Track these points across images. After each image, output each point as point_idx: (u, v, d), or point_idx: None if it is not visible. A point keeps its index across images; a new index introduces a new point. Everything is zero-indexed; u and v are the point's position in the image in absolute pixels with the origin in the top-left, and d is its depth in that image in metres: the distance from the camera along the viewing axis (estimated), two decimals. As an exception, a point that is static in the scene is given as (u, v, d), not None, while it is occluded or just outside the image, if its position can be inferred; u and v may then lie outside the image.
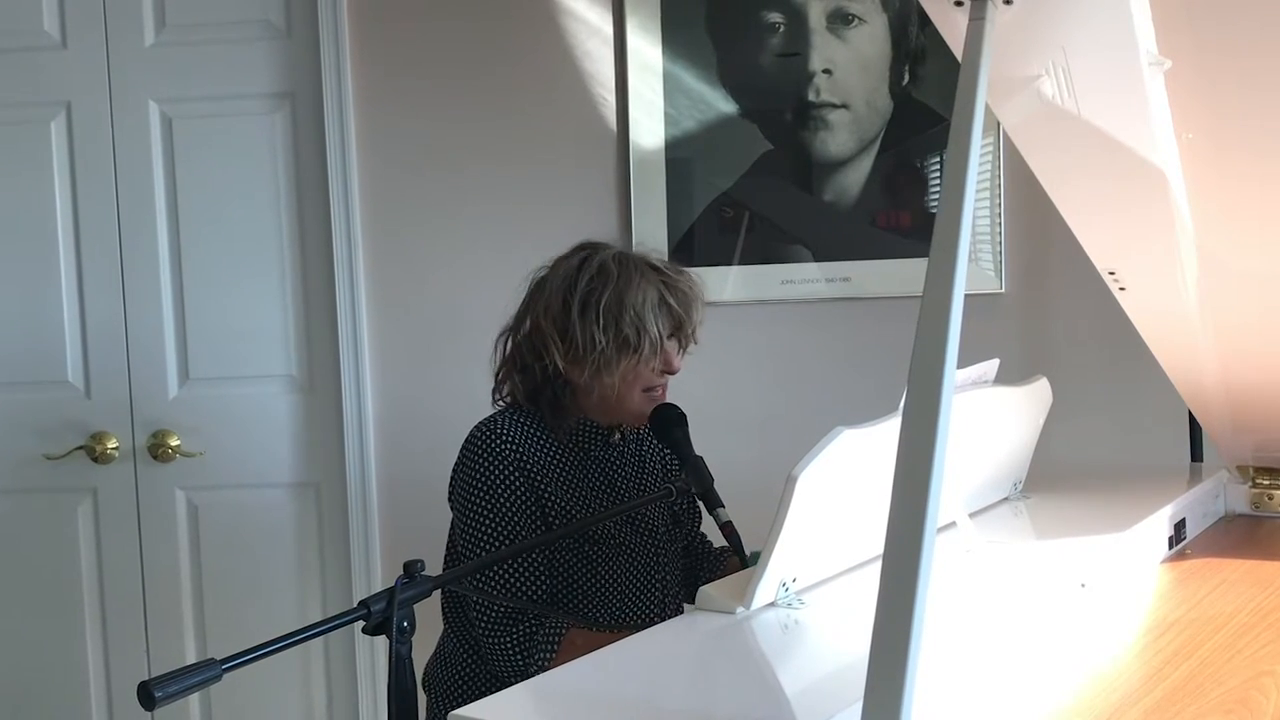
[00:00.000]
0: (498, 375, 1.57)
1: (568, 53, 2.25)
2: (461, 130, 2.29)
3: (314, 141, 2.31)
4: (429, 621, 1.33)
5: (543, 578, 1.47)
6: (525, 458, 1.47)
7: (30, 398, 2.40)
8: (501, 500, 1.45)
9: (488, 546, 1.45)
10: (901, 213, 2.18)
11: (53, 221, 2.37)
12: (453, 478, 1.52)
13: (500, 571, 1.45)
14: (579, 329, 1.46)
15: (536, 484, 1.47)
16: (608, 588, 1.50)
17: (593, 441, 1.54)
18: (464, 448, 1.50)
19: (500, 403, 1.58)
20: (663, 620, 1.49)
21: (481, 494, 1.46)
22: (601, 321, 1.45)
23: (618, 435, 1.56)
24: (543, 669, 1.40)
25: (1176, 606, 1.23)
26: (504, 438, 1.47)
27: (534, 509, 1.46)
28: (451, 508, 1.53)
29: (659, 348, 1.48)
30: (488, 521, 1.45)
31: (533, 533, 1.45)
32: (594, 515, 1.48)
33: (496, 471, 1.46)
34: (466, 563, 1.49)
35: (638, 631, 1.25)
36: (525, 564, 1.46)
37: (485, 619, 1.44)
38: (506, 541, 1.45)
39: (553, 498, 1.47)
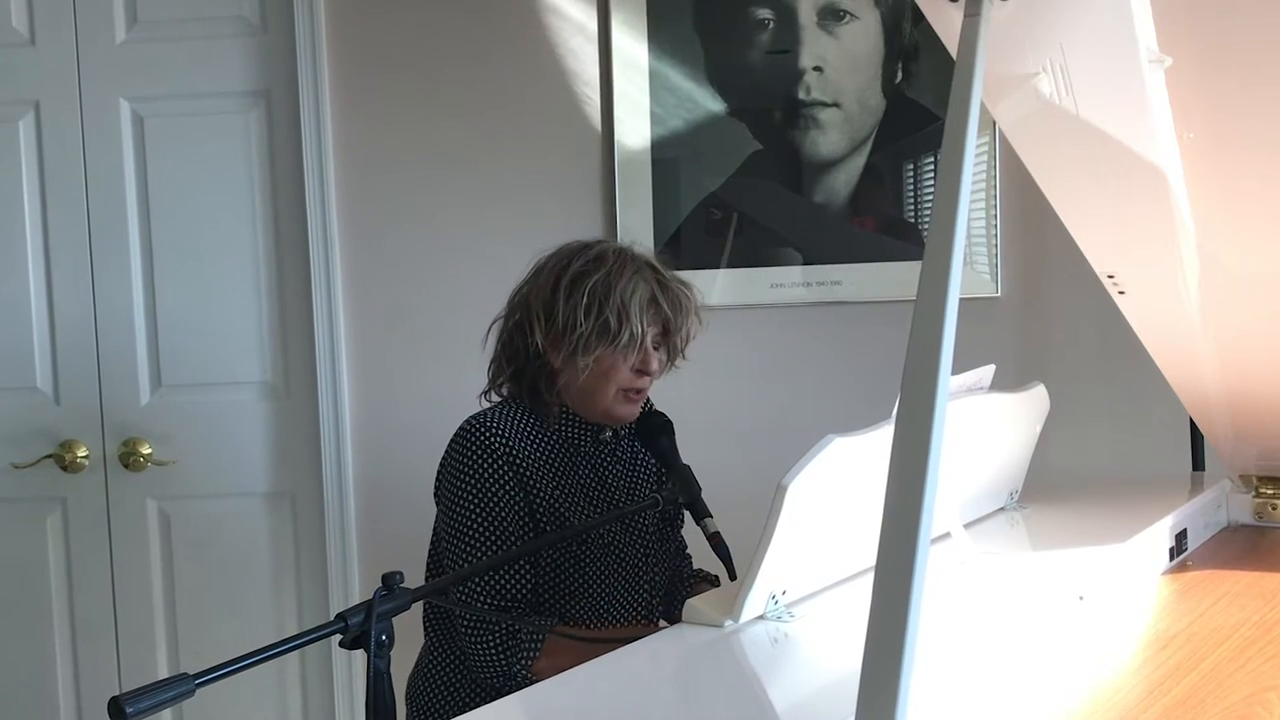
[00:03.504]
0: (491, 364, 1.58)
1: (551, 50, 2.24)
2: (441, 130, 2.27)
3: (290, 141, 2.29)
4: (408, 634, 1.32)
5: (528, 577, 1.46)
6: (515, 452, 1.46)
7: (-3, 404, 2.37)
8: (490, 495, 1.44)
9: (473, 541, 1.44)
10: (894, 215, 2.17)
11: (21, 223, 2.35)
12: (440, 470, 1.52)
13: (485, 574, 1.44)
14: (563, 308, 1.46)
15: (526, 479, 1.46)
16: (594, 587, 1.49)
17: (583, 438, 1.53)
18: (453, 440, 1.50)
19: (492, 395, 1.57)
20: (646, 619, 1.48)
21: (469, 488, 1.45)
22: (586, 303, 1.45)
23: (609, 433, 1.55)
24: (526, 668, 1.41)
25: (1178, 620, 1.22)
26: (495, 432, 1.46)
27: (522, 505, 1.46)
28: (437, 502, 1.53)
29: (638, 343, 1.47)
30: (474, 516, 1.45)
31: (520, 529, 1.45)
32: (584, 523, 1.47)
33: (486, 465, 1.45)
34: (451, 569, 1.48)
35: (619, 628, 1.22)
36: (511, 565, 1.44)
37: (468, 621, 1.44)
38: (492, 537, 1.44)
39: (542, 494, 1.47)
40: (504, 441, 1.45)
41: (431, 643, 1.56)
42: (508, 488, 1.44)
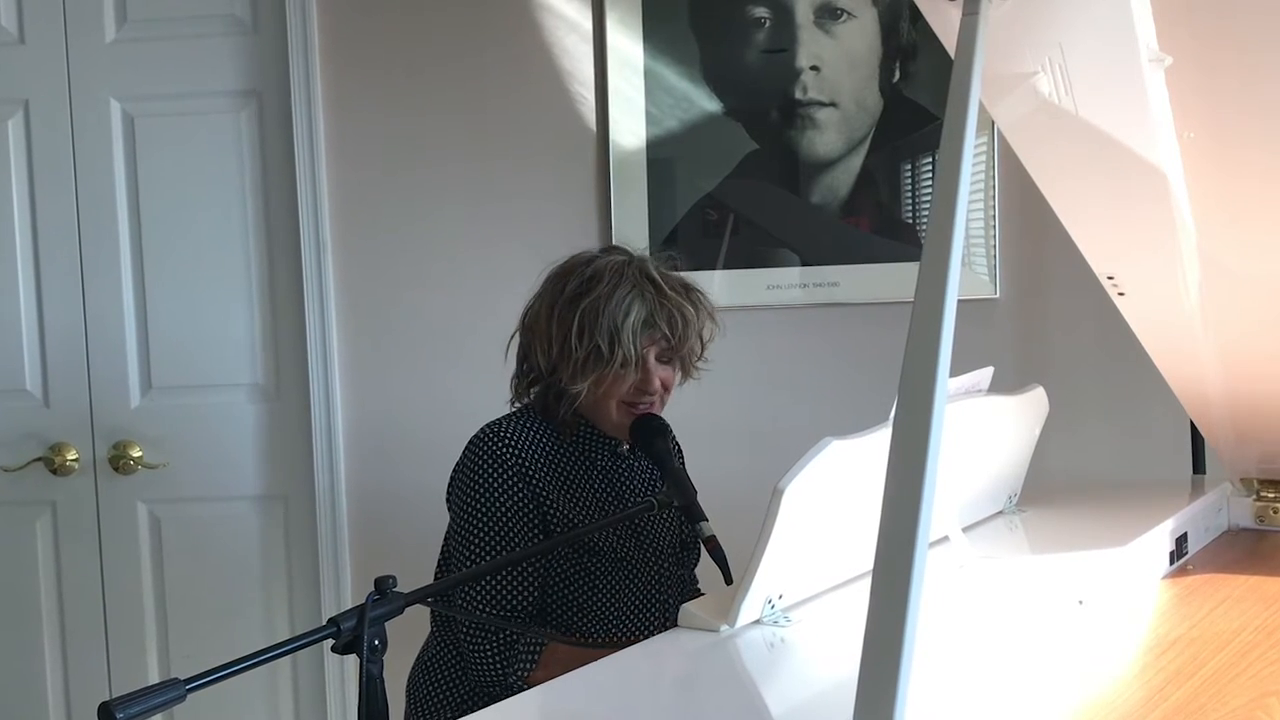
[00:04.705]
0: (513, 378, 1.57)
1: (545, 49, 2.22)
2: (435, 130, 2.26)
3: (281, 141, 2.28)
4: (403, 637, 1.31)
5: (534, 588, 1.45)
6: (528, 463, 1.45)
7: (-14, 407, 2.37)
8: (499, 506, 1.43)
9: (480, 552, 1.44)
10: (892, 216, 2.15)
11: (10, 224, 2.34)
12: (452, 478, 1.51)
13: (489, 579, 1.43)
14: (556, 332, 1.45)
15: (538, 491, 1.45)
16: (604, 602, 1.48)
17: (600, 451, 1.52)
18: (467, 448, 1.49)
19: (515, 402, 1.57)
20: None
21: (479, 497, 1.44)
22: (577, 328, 1.44)
23: (626, 446, 1.54)
24: (522, 679, 1.40)
25: (1178, 624, 1.21)
26: (508, 441, 1.45)
27: (534, 517, 1.45)
28: (449, 509, 1.52)
29: (633, 365, 1.45)
30: (483, 527, 1.44)
31: (528, 540, 1.44)
32: (582, 527, 1.46)
33: (497, 476, 1.44)
34: (450, 574, 1.48)
35: (622, 645, 1.22)
36: (516, 573, 1.44)
37: (468, 625, 1.43)
38: (499, 548, 1.43)
39: (555, 506, 1.46)
40: (516, 452, 1.44)
41: (436, 638, 1.55)
42: (518, 499, 1.43)
